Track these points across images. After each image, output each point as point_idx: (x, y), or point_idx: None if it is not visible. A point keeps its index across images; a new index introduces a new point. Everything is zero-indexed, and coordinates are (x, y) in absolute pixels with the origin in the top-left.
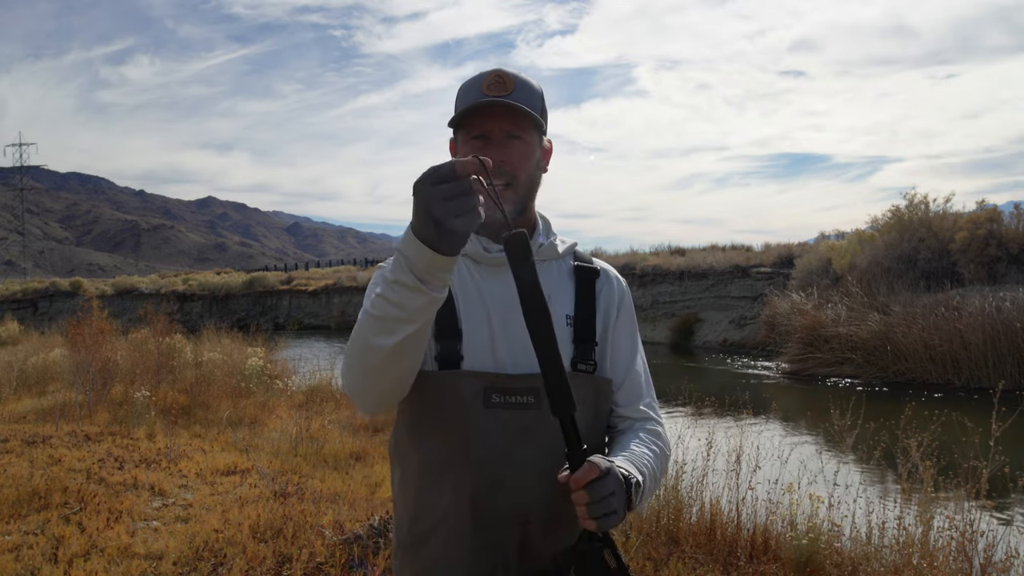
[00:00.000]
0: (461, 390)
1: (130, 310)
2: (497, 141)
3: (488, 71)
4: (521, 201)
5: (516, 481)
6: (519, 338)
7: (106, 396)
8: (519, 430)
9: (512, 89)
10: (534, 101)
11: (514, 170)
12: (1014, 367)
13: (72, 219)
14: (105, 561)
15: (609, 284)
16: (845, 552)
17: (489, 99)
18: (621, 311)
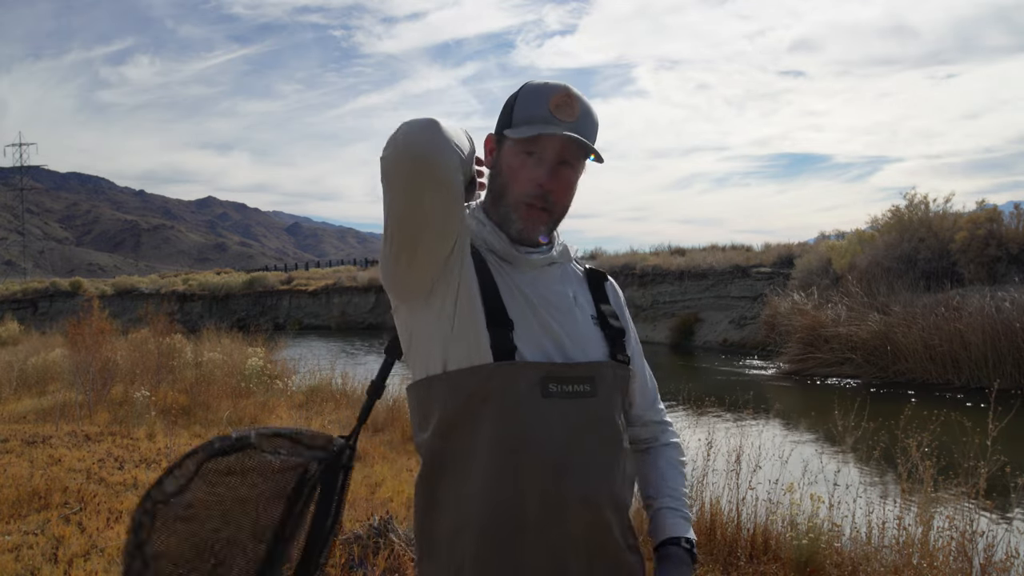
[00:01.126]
0: (519, 381)
1: (130, 310)
2: (548, 164)
3: (555, 86)
4: (555, 223)
5: (583, 470)
6: (566, 329)
7: (106, 396)
8: (580, 419)
9: (578, 116)
10: (593, 131)
11: (556, 198)
12: (1014, 367)
13: (72, 219)
14: (105, 561)
15: (614, 287)
16: (845, 552)
17: (563, 130)
18: (626, 312)
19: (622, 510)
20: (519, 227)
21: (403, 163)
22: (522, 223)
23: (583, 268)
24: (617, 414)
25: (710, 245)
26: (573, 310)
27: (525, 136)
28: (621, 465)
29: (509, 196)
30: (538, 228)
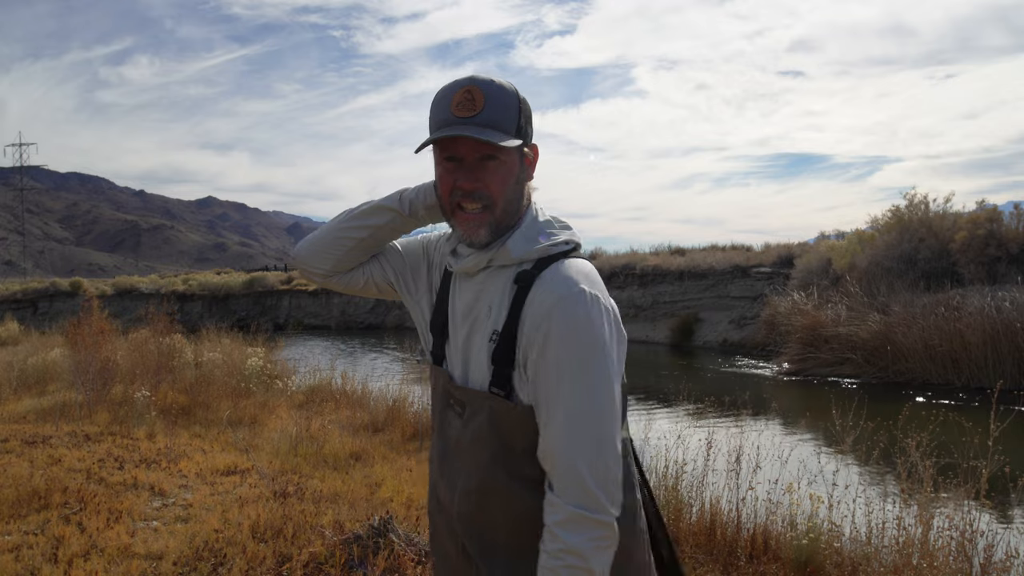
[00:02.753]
0: (438, 386)
1: (130, 310)
2: (470, 164)
3: (458, 83)
4: (497, 221)
5: (447, 483)
6: (466, 346)
7: (106, 396)
8: (453, 437)
9: (481, 107)
10: (507, 115)
11: (489, 192)
12: (1014, 367)
13: (72, 219)
14: (105, 561)
15: (540, 300)
16: (845, 552)
17: (454, 129)
18: (547, 341)
19: (476, 535)
20: (460, 233)
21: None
22: (460, 228)
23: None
24: (483, 447)
25: (710, 245)
26: (477, 327)
27: (421, 146)
28: (473, 494)
29: (445, 204)
30: (478, 230)
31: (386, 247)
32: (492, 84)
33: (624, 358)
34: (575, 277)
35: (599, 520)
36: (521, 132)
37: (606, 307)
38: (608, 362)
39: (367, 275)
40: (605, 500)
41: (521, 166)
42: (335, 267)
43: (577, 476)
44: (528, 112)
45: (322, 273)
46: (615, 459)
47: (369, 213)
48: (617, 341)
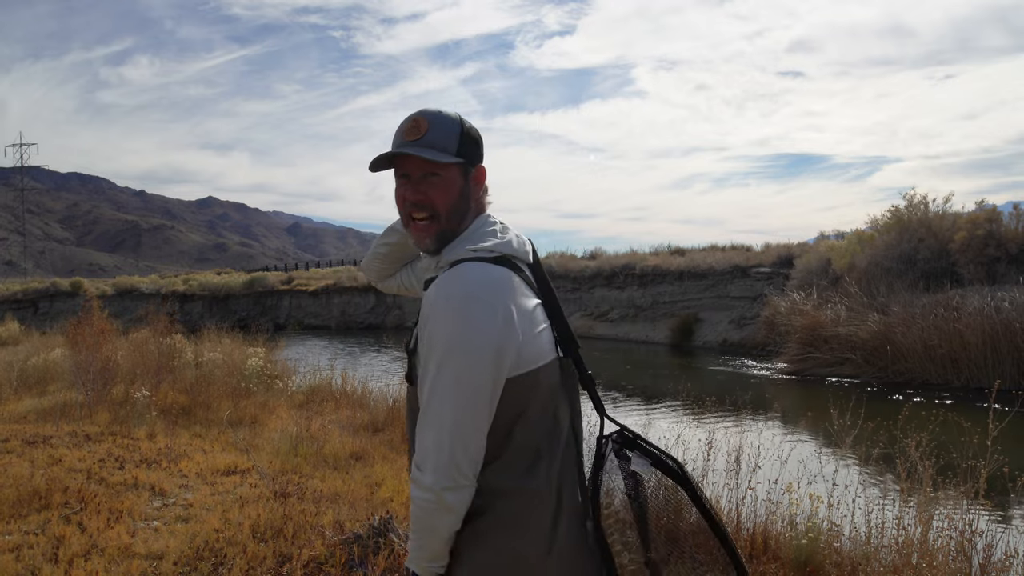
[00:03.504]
0: None
1: (130, 310)
2: (416, 179)
3: (410, 115)
4: (443, 231)
5: None
6: None
7: (106, 396)
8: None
9: (424, 132)
10: (448, 139)
11: (434, 204)
12: (1013, 367)
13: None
14: (105, 561)
15: (425, 299)
16: (844, 552)
17: (397, 150)
18: (424, 334)
19: None
20: (414, 242)
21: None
22: (412, 238)
23: (432, 276)
24: (408, 431)
25: (710, 245)
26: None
27: (374, 161)
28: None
29: (402, 218)
30: (425, 239)
31: (418, 257)
32: (438, 114)
33: (520, 352)
34: (457, 279)
35: (418, 483)
36: (462, 152)
37: (488, 305)
38: (467, 358)
39: (398, 280)
40: (432, 472)
41: (466, 182)
42: (379, 275)
43: (422, 447)
44: (474, 136)
45: (374, 280)
46: (460, 443)
47: (386, 234)
48: (502, 339)
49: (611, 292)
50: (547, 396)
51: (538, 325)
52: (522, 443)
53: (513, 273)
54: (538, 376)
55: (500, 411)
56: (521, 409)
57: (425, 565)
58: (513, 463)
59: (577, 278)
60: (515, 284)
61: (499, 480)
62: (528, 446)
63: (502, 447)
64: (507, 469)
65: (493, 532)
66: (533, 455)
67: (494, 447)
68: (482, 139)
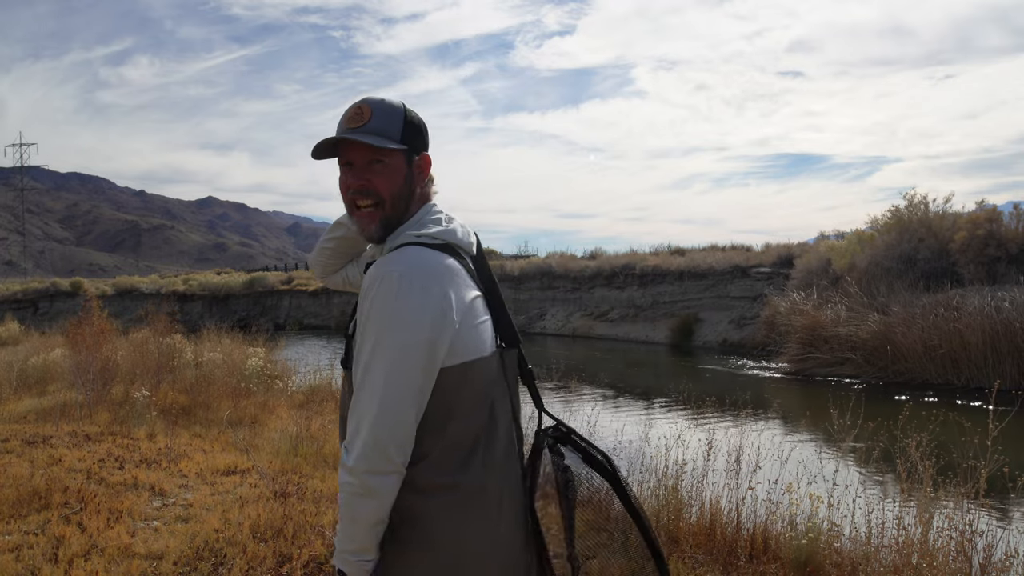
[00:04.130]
0: None
1: (130, 310)
2: (360, 167)
3: (354, 103)
4: (387, 218)
5: None
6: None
7: (106, 396)
8: None
9: (368, 119)
10: (391, 126)
11: (376, 190)
12: (1013, 367)
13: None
14: (105, 561)
15: (373, 282)
16: (845, 552)
17: (341, 135)
18: (364, 311)
19: None
20: (358, 230)
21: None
22: (357, 226)
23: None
24: (345, 409)
25: (710, 245)
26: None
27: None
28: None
29: (346, 206)
30: (370, 226)
31: (363, 252)
32: (381, 102)
33: (456, 342)
34: (396, 261)
35: (344, 465)
36: (406, 140)
37: (425, 289)
38: (400, 338)
39: (344, 276)
40: (358, 455)
41: (410, 169)
42: (324, 271)
43: (351, 429)
44: (417, 124)
45: (319, 275)
46: (388, 426)
47: (332, 228)
48: (437, 325)
49: (611, 292)
50: (483, 390)
51: (478, 316)
52: (456, 438)
53: (455, 261)
54: (474, 368)
55: (433, 403)
56: (455, 402)
57: (352, 560)
58: (446, 458)
59: (577, 278)
60: (456, 272)
61: (433, 477)
62: (462, 441)
63: (436, 442)
64: (440, 464)
65: (432, 531)
66: (468, 450)
67: (427, 442)
68: (426, 128)
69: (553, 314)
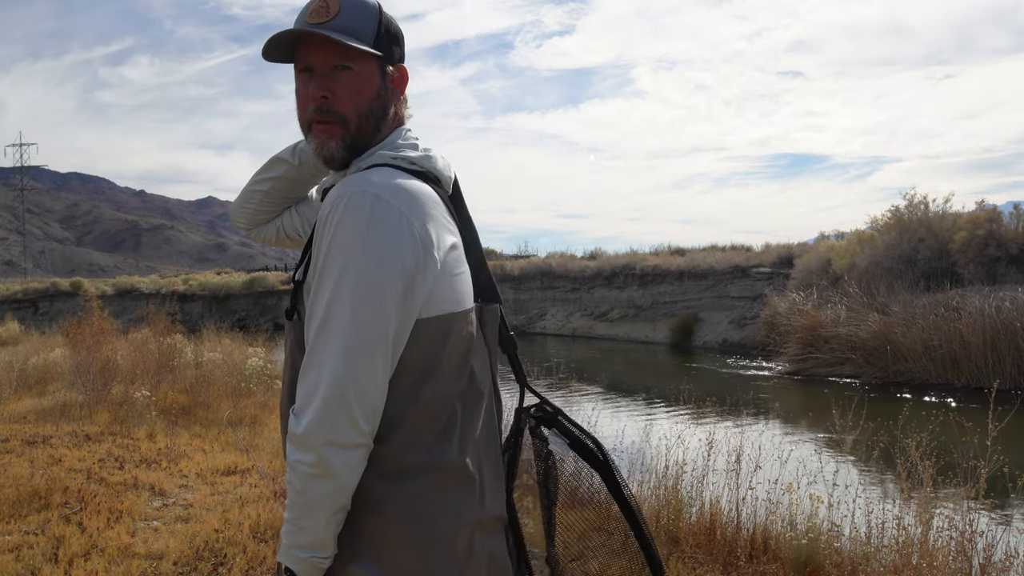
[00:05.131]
0: None
1: (130, 310)
2: (321, 74)
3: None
4: (352, 137)
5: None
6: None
7: (106, 396)
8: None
9: (336, 14)
10: (364, 25)
11: (340, 106)
12: (1014, 367)
13: (72, 219)
14: (105, 561)
15: (324, 204)
16: (845, 552)
17: (303, 29)
18: (321, 243)
19: None
20: (314, 149)
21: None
22: (314, 143)
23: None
24: (286, 372)
25: (710, 245)
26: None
27: (268, 42)
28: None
29: (301, 122)
30: (328, 144)
31: (303, 199)
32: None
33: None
34: (366, 181)
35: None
36: (381, 45)
37: (403, 217)
38: (370, 275)
39: (276, 226)
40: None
41: (383, 83)
42: (251, 221)
43: (303, 390)
44: (394, 29)
45: (243, 227)
46: (354, 384)
47: (267, 167)
48: (419, 262)
49: (611, 292)
50: (464, 350)
51: (460, 264)
52: (432, 405)
53: (436, 194)
54: (454, 322)
55: (406, 361)
56: (432, 362)
57: (303, 557)
58: (421, 431)
59: (577, 278)
60: (438, 206)
61: (404, 455)
62: (439, 410)
63: (406, 412)
64: (413, 440)
65: (401, 524)
66: (445, 421)
67: (396, 411)
68: (403, 37)
69: (553, 314)
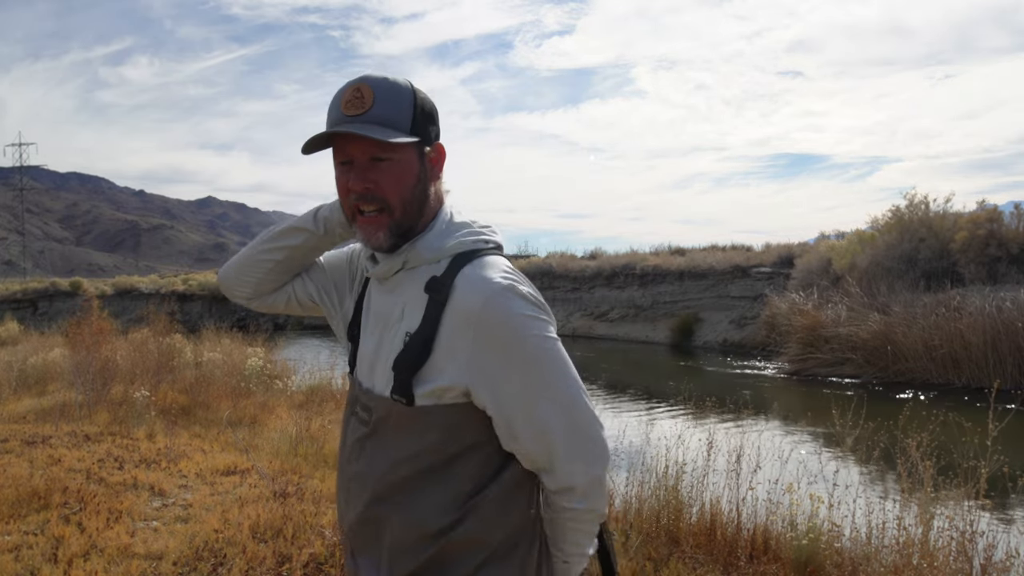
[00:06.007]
0: (349, 392)
1: (130, 310)
2: (361, 165)
3: (350, 82)
4: (398, 224)
5: (345, 494)
6: (377, 351)
7: (106, 396)
8: (354, 444)
9: (371, 105)
10: (400, 113)
11: (385, 195)
12: (1014, 367)
13: (72, 219)
14: (105, 561)
15: (465, 304)
16: (845, 552)
17: (341, 127)
18: (483, 352)
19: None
20: (362, 239)
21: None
22: (360, 234)
23: (434, 277)
24: (384, 453)
25: (710, 245)
26: (388, 330)
27: (309, 142)
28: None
29: (346, 212)
30: (376, 234)
31: (311, 264)
32: (384, 81)
33: None
34: (493, 273)
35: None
36: (418, 130)
37: (533, 298)
38: (555, 344)
39: (288, 294)
40: (598, 462)
41: (422, 166)
42: (256, 290)
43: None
44: (428, 109)
45: (244, 296)
46: (594, 422)
47: (284, 234)
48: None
49: (611, 292)
50: None
51: None
52: None
53: None
54: None
55: None
56: None
57: None
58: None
59: (577, 278)
60: None
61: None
62: None
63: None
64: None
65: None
66: None
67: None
68: (438, 112)
69: (553, 314)
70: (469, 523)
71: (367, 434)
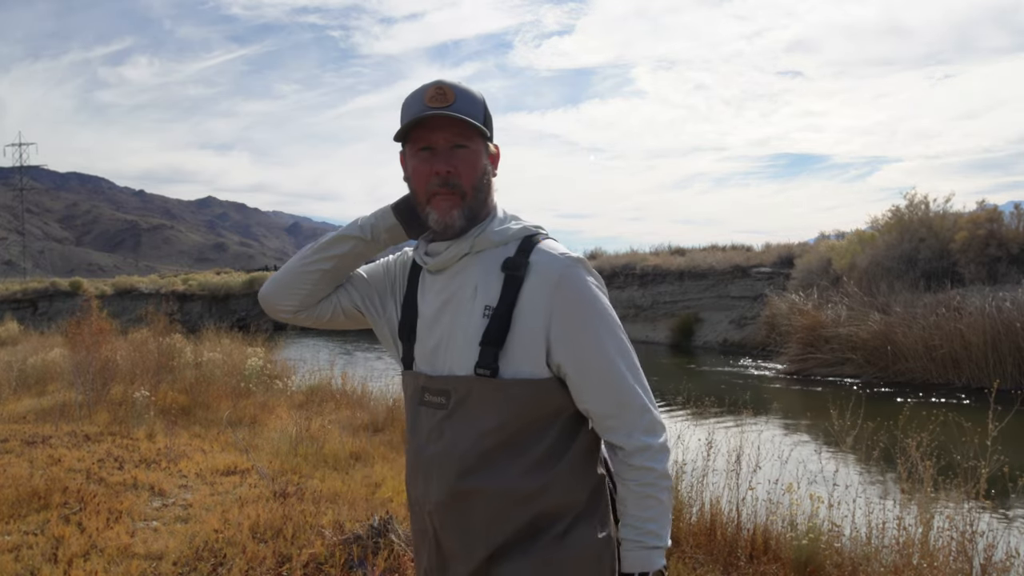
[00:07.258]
0: (410, 389)
1: (130, 310)
2: (443, 152)
3: (430, 83)
4: (470, 207)
5: (424, 477)
6: (444, 338)
7: (106, 396)
8: (431, 429)
9: (453, 100)
10: (476, 110)
11: (461, 179)
12: (1015, 367)
13: (72, 219)
14: (105, 561)
15: (544, 277)
16: (845, 552)
17: (432, 111)
18: (563, 313)
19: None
20: (435, 219)
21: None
22: (436, 213)
23: (510, 257)
24: (469, 432)
25: (710, 245)
26: (461, 311)
27: (405, 127)
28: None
29: (421, 196)
30: (451, 213)
31: (352, 276)
32: (459, 84)
33: None
34: (563, 250)
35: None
36: (488, 127)
37: (596, 272)
38: (614, 313)
39: (334, 305)
40: (661, 430)
41: (486, 161)
42: (303, 302)
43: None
44: (490, 114)
45: (291, 310)
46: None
47: (332, 244)
48: None
49: (611, 292)
50: None
51: None
52: None
53: None
54: None
55: None
56: None
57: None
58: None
59: None
60: None
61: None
62: None
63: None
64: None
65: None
66: None
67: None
68: None
69: None
70: (556, 487)
71: (445, 416)
